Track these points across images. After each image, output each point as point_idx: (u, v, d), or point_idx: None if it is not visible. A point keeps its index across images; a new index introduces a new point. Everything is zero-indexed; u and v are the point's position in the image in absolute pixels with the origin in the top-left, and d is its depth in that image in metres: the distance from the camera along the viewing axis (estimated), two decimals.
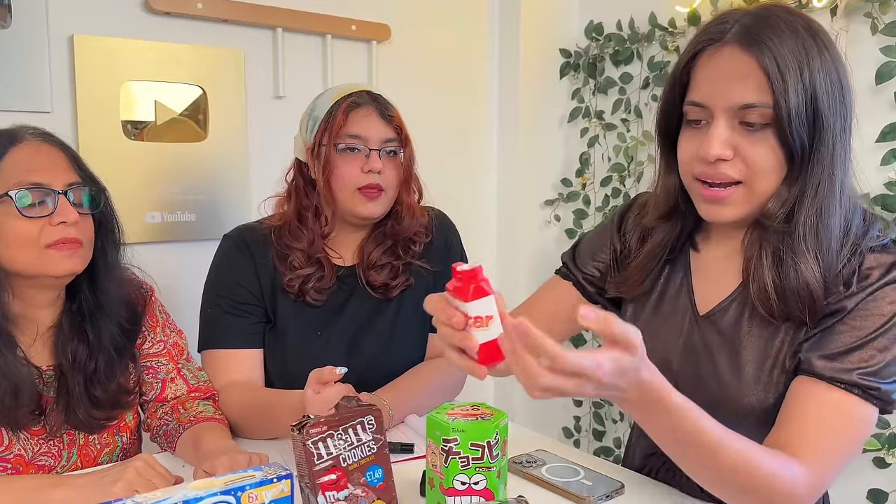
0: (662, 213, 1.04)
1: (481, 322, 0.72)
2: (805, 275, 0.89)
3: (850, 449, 0.89)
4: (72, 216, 1.10)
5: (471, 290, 0.72)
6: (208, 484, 0.75)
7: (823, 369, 0.88)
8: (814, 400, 0.88)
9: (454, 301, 0.73)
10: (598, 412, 2.40)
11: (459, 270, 0.72)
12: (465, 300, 0.72)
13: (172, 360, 1.30)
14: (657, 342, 1.05)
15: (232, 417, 1.27)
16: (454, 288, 0.73)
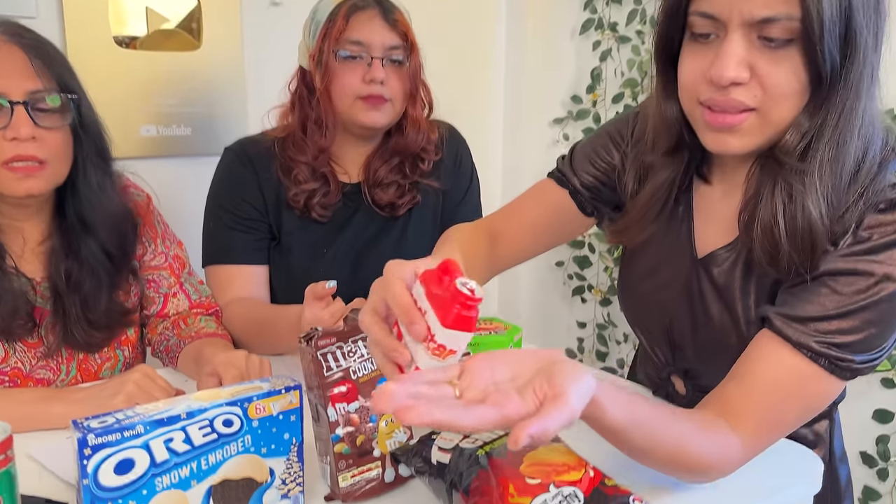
0: (665, 149, 0.92)
1: (441, 352, 0.62)
2: (812, 217, 0.79)
3: (796, 424, 0.83)
4: (24, 131, 1.00)
5: (455, 315, 0.61)
6: (213, 395, 0.72)
7: (792, 331, 0.79)
8: (772, 361, 0.80)
9: (424, 303, 0.63)
10: (601, 333, 2.39)
11: (459, 287, 0.60)
12: (442, 322, 0.61)
13: (174, 274, 1.26)
14: (656, 283, 1.00)
15: (235, 333, 1.25)
16: (436, 297, 0.61)
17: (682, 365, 1.00)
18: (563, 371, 0.61)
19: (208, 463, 0.71)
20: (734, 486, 0.82)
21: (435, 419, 0.56)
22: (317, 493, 0.82)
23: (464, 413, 0.57)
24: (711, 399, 0.82)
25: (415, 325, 0.62)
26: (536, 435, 0.56)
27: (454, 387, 0.62)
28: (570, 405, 0.58)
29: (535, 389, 0.60)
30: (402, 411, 0.56)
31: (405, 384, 0.60)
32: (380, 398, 0.57)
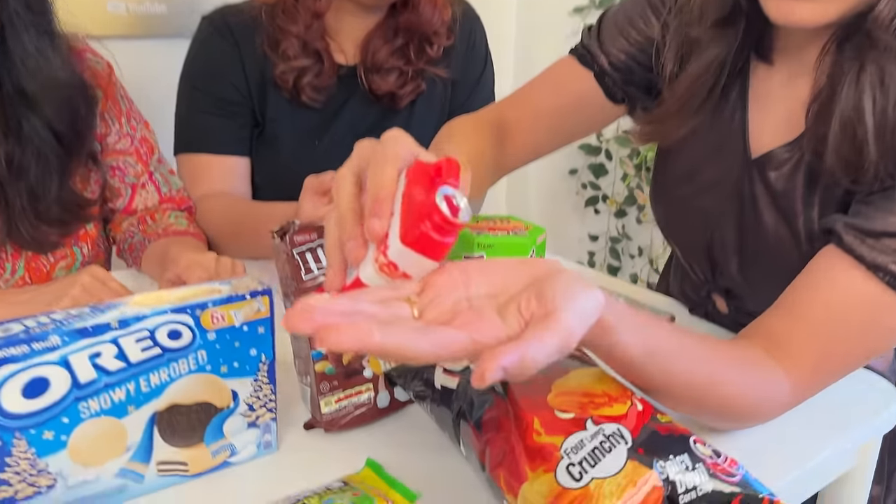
0: (716, 19, 0.74)
1: (391, 271, 0.47)
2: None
3: (860, 364, 0.68)
4: None
5: (420, 233, 0.46)
6: (157, 299, 0.56)
7: (866, 248, 0.63)
8: (837, 286, 0.64)
9: (396, 203, 0.48)
10: (614, 247, 2.24)
11: (437, 202, 0.45)
12: (401, 237, 0.46)
13: (142, 161, 1.09)
14: (697, 186, 0.82)
15: (210, 232, 1.08)
16: (411, 201, 0.47)
17: (725, 284, 0.84)
18: (558, 284, 0.45)
19: (150, 384, 0.56)
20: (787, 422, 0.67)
21: (373, 342, 0.39)
22: (295, 420, 0.68)
23: (418, 336, 0.41)
24: (756, 329, 0.66)
25: (373, 221, 0.47)
26: (513, 366, 0.40)
27: (412, 305, 0.46)
28: (563, 327, 0.42)
29: (520, 307, 0.44)
30: (325, 331, 0.38)
31: (337, 300, 0.43)
32: (294, 314, 0.40)
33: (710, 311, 0.89)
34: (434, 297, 0.47)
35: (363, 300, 0.45)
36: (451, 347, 0.42)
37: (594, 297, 0.46)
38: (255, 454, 0.62)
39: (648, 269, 2.19)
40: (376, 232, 0.47)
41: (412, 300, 0.47)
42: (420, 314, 0.46)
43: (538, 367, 0.41)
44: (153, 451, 0.57)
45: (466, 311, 0.46)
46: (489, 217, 0.77)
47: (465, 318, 0.44)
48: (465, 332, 0.43)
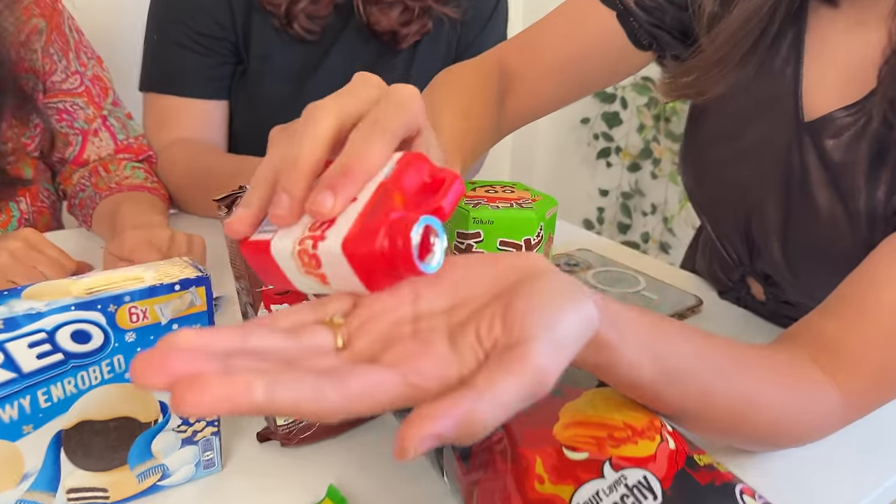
0: None
1: (310, 266, 0.36)
2: None
3: None
4: None
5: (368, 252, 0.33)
6: (57, 290, 0.44)
7: None
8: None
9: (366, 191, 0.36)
10: (626, 203, 2.10)
11: (411, 235, 0.33)
12: (344, 241, 0.34)
13: (93, 103, 0.95)
14: (735, 150, 0.68)
15: (171, 186, 0.96)
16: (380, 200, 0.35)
17: (763, 268, 0.71)
18: (533, 296, 0.33)
19: (51, 398, 0.44)
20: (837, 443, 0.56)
21: (254, 401, 0.27)
22: (247, 428, 0.56)
23: (325, 385, 0.29)
24: (803, 330, 0.53)
25: (325, 195, 0.35)
26: (450, 432, 0.28)
27: (335, 331, 0.34)
28: (532, 365, 0.30)
29: (479, 332, 0.33)
30: (181, 389, 0.26)
31: (217, 335, 0.31)
32: (145, 360, 0.27)
33: (744, 297, 0.76)
34: (368, 318, 0.35)
35: (259, 331, 0.32)
36: (376, 397, 0.30)
37: (583, 314, 0.34)
38: (193, 475, 0.51)
39: (662, 228, 2.06)
40: (321, 210, 0.35)
41: (336, 322, 0.35)
42: (345, 344, 0.34)
43: (491, 428, 0.29)
44: (61, 477, 0.46)
45: (407, 338, 0.33)
46: (489, 183, 0.64)
47: (402, 350, 0.32)
48: (399, 372, 0.31)
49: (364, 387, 0.29)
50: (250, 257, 0.38)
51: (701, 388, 0.45)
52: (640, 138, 2.00)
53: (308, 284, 0.36)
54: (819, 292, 0.64)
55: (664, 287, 0.79)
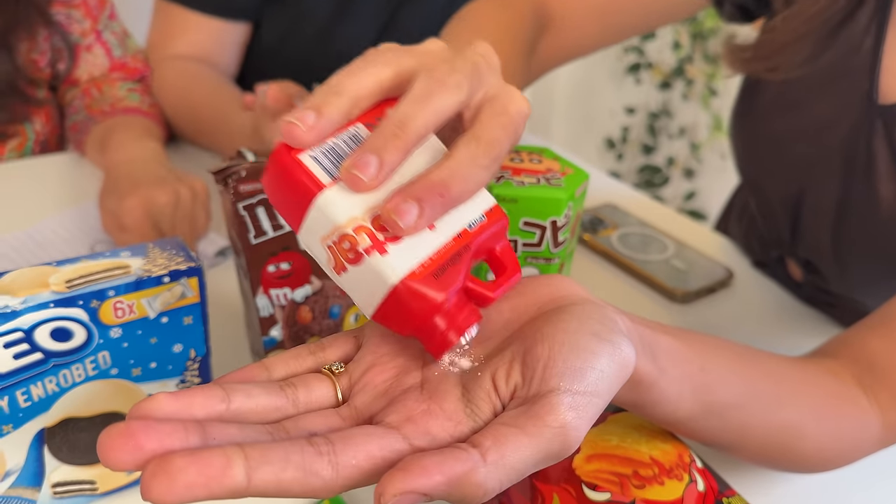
0: None
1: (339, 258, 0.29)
2: None
3: None
4: None
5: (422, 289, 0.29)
6: (33, 281, 0.40)
7: None
8: None
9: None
10: (653, 125, 2.01)
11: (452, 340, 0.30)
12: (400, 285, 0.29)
13: (90, 16, 0.88)
14: (794, 124, 0.60)
15: (164, 108, 0.88)
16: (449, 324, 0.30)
17: (806, 254, 0.65)
18: (558, 336, 0.29)
19: (30, 398, 0.41)
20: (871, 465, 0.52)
21: (233, 483, 0.23)
22: None
23: (316, 459, 0.25)
24: (848, 346, 0.48)
25: (409, 206, 0.28)
26: (436, 492, 0.25)
27: (335, 381, 0.30)
28: (554, 425, 0.27)
29: (495, 379, 0.29)
30: (154, 473, 0.23)
31: (196, 398, 0.26)
32: (113, 437, 0.23)
33: (780, 275, 0.71)
34: (372, 364, 0.31)
35: (245, 389, 0.28)
36: (376, 469, 0.26)
37: (616, 358, 0.29)
38: None
39: (688, 153, 1.97)
40: (397, 224, 0.28)
41: (335, 371, 0.31)
42: (345, 397, 0.30)
43: (494, 493, 0.26)
44: (45, 473, 0.43)
45: (414, 391, 0.29)
46: (516, 148, 0.58)
47: (408, 407, 0.29)
48: (403, 435, 0.27)
49: (361, 458, 0.26)
50: (281, 173, 0.29)
51: (743, 422, 0.41)
52: (674, 56, 1.89)
53: (317, 254, 0.30)
54: (866, 290, 0.59)
55: (694, 256, 0.74)
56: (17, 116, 0.83)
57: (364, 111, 0.31)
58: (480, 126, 0.31)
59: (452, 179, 0.29)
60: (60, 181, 0.80)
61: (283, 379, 0.30)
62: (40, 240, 0.67)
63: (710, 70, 1.80)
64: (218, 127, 0.80)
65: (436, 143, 0.32)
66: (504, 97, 0.32)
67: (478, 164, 0.30)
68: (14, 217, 0.72)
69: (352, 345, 0.32)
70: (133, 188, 0.63)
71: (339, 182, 0.29)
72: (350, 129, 0.30)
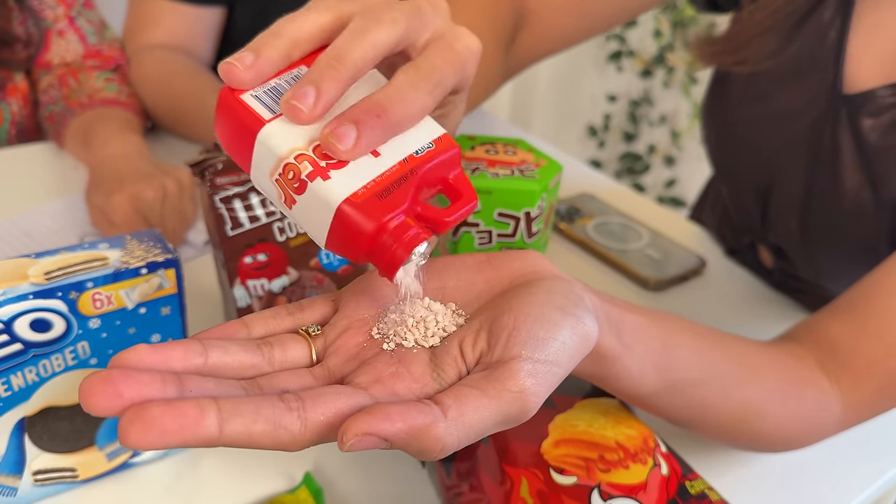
0: None
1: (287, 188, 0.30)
2: None
3: None
4: None
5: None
6: (11, 273, 0.40)
7: None
8: None
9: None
10: (634, 112, 2.02)
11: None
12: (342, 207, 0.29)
13: (63, 3, 0.88)
14: (764, 112, 0.62)
15: (144, 99, 0.88)
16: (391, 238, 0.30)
17: (776, 240, 0.67)
18: (524, 308, 0.31)
19: (11, 388, 0.42)
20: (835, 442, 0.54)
21: (207, 433, 0.25)
22: None
23: (286, 413, 0.26)
24: (812, 331, 0.50)
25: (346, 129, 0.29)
26: (396, 439, 0.26)
27: (310, 342, 0.31)
28: (514, 389, 0.28)
29: (462, 346, 0.31)
30: (132, 419, 0.24)
31: (170, 351, 0.28)
32: (94, 384, 0.25)
33: (751, 262, 0.73)
34: (346, 328, 0.32)
35: (224, 344, 0.29)
36: (341, 422, 0.27)
37: (579, 330, 0.31)
38: (165, 452, 0.49)
39: (668, 141, 1.99)
40: (335, 149, 0.29)
41: (312, 333, 0.32)
42: (320, 357, 0.31)
43: (452, 449, 0.27)
44: (26, 461, 0.44)
45: (385, 354, 0.31)
46: (490, 140, 0.59)
47: (378, 370, 0.30)
48: (371, 396, 0.28)
49: (329, 415, 0.27)
50: (225, 115, 0.31)
51: (704, 400, 0.43)
52: (656, 44, 1.90)
53: (268, 192, 0.31)
54: (833, 276, 0.61)
55: (668, 245, 0.75)
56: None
57: (306, 54, 0.32)
58: (422, 57, 0.32)
59: (390, 102, 0.30)
60: (43, 171, 0.80)
61: (261, 337, 0.31)
62: (28, 229, 0.68)
63: (690, 58, 1.82)
64: (198, 115, 0.80)
65: (380, 79, 0.33)
66: (450, 35, 0.33)
67: (417, 88, 0.31)
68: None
69: (329, 308, 0.33)
70: (120, 185, 0.64)
71: (280, 117, 0.30)
72: (293, 70, 0.31)
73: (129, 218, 0.62)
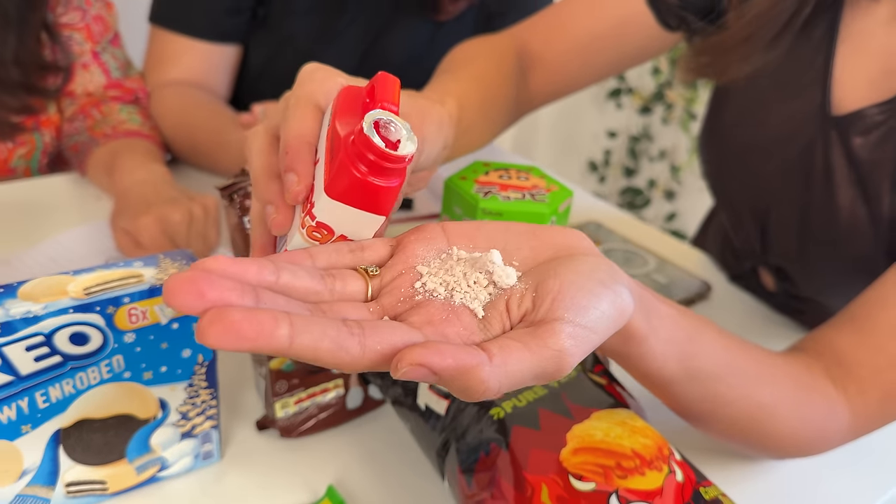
0: None
1: (323, 237, 0.36)
2: None
3: None
4: None
5: (350, 180, 0.33)
6: (52, 289, 0.42)
7: None
8: None
9: (321, 145, 0.37)
10: (634, 148, 2.06)
11: (367, 132, 0.32)
12: (326, 187, 0.34)
13: (91, 38, 0.91)
14: (758, 136, 0.65)
15: (164, 131, 0.91)
16: (338, 138, 0.35)
17: (776, 261, 0.69)
18: (568, 276, 0.33)
19: (49, 399, 0.43)
20: (828, 460, 0.56)
21: (278, 342, 0.26)
22: (246, 415, 0.56)
23: (348, 336, 0.28)
24: (818, 343, 0.52)
25: (288, 176, 0.37)
26: (445, 374, 0.28)
27: (367, 280, 0.33)
28: (554, 347, 0.30)
29: (508, 303, 0.33)
30: (209, 321, 0.25)
31: (249, 265, 0.29)
32: (179, 284, 0.26)
33: (754, 286, 0.75)
34: (400, 273, 0.34)
35: (294, 267, 0.31)
36: (394, 355, 0.29)
37: (617, 303, 0.33)
38: (191, 466, 0.51)
39: (668, 176, 2.02)
40: (294, 190, 0.36)
41: (370, 273, 0.34)
42: (374, 295, 0.33)
43: (491, 394, 0.29)
44: (59, 472, 0.46)
45: (437, 302, 0.33)
46: (504, 166, 0.62)
47: (430, 313, 0.32)
48: (423, 335, 0.30)
49: (385, 346, 0.29)
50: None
51: (720, 391, 0.45)
52: (654, 81, 1.94)
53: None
54: (833, 291, 0.63)
55: (673, 270, 0.77)
56: (28, 108, 0.85)
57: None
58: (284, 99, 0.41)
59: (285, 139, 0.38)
60: (66, 201, 0.83)
61: (323, 269, 0.33)
62: (53, 254, 0.70)
63: (689, 95, 1.86)
64: (217, 146, 0.83)
65: None
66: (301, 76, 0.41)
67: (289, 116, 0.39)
68: (22, 233, 0.74)
69: (387, 251, 0.35)
70: (147, 208, 0.66)
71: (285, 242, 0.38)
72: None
73: (157, 239, 0.64)
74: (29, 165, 0.91)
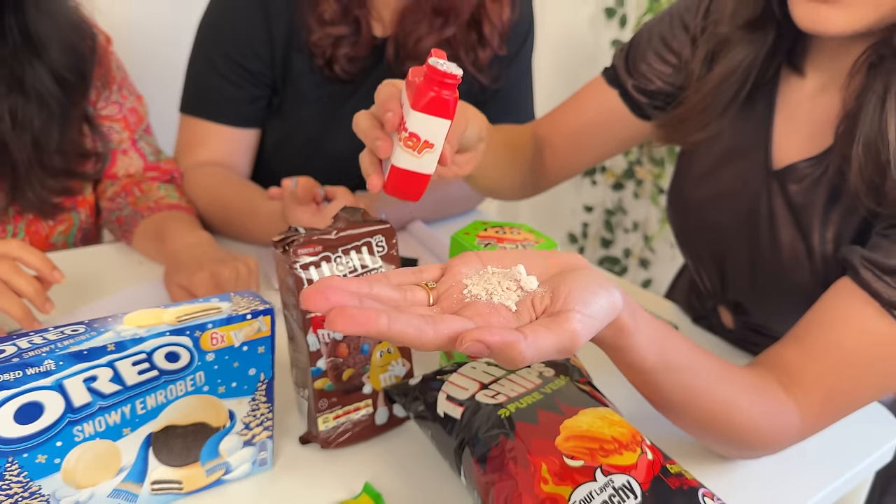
0: (746, 20, 0.72)
1: (415, 143, 0.56)
2: None
3: (873, 399, 0.66)
4: None
5: (427, 97, 0.54)
6: (153, 318, 0.54)
7: (882, 285, 0.61)
8: (850, 322, 0.63)
9: (404, 96, 0.57)
10: (609, 220, 2.22)
11: (433, 64, 0.53)
12: (412, 105, 0.54)
13: (128, 129, 1.05)
14: (714, 192, 0.80)
15: (197, 206, 1.04)
16: (413, 83, 0.55)
17: (734, 297, 0.82)
18: (576, 281, 0.45)
19: (146, 406, 0.54)
20: (786, 455, 0.67)
21: (380, 327, 0.39)
22: (290, 430, 0.66)
23: (424, 323, 0.40)
24: (769, 358, 0.65)
25: (387, 115, 0.56)
26: (496, 347, 0.40)
27: (428, 292, 0.46)
28: (567, 329, 0.42)
29: (533, 301, 0.45)
30: (336, 314, 0.38)
31: (353, 281, 0.43)
32: (312, 293, 0.39)
33: (714, 325, 0.88)
34: (451, 286, 0.47)
35: (379, 283, 0.44)
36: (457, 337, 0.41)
37: (611, 298, 0.46)
38: (249, 472, 0.61)
39: (642, 245, 2.18)
40: (391, 120, 0.55)
41: (429, 286, 0.47)
42: (435, 301, 0.46)
43: (527, 362, 0.41)
44: (147, 471, 0.56)
45: (481, 302, 0.45)
46: (499, 224, 0.75)
47: (477, 309, 0.44)
48: (475, 323, 0.42)
49: (450, 331, 0.41)
50: (395, 184, 0.58)
51: (690, 382, 0.57)
52: (625, 160, 2.12)
53: (429, 161, 0.56)
54: (782, 317, 0.76)
55: None
56: (68, 190, 0.97)
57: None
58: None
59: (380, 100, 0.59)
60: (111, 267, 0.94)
61: (397, 285, 0.45)
62: (113, 309, 0.81)
63: (657, 171, 2.03)
64: (247, 216, 0.95)
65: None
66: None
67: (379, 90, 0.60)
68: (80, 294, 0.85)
69: (439, 272, 0.48)
70: (200, 265, 0.78)
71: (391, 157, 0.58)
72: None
73: (210, 292, 0.75)
74: (67, 241, 1.02)
